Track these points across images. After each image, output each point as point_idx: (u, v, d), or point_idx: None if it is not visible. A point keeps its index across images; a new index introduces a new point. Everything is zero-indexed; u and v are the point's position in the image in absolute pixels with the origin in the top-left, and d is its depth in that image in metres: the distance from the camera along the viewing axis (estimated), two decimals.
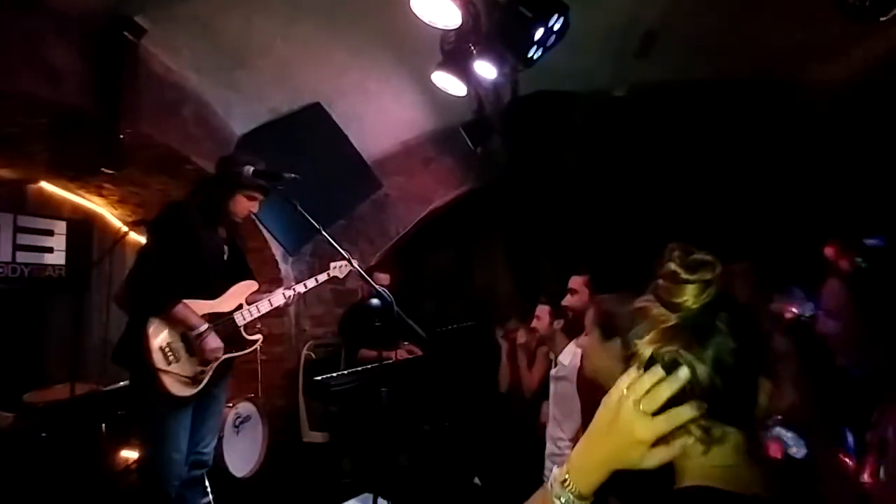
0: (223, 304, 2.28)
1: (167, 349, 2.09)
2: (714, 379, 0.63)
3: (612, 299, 1.49)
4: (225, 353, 2.20)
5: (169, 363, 2.07)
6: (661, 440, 0.61)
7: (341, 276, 2.56)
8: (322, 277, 2.53)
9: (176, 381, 2.09)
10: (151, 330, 2.06)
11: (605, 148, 3.83)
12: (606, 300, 1.52)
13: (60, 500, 2.56)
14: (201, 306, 2.18)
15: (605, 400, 0.66)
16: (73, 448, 2.70)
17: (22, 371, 3.03)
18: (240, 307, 2.31)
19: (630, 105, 3.51)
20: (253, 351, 2.41)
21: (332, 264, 2.57)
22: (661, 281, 0.67)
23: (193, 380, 2.13)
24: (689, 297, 0.64)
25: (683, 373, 0.62)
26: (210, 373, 2.18)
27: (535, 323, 2.64)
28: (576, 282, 2.29)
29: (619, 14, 2.83)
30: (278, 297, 2.37)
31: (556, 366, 2.41)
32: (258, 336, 2.38)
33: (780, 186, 3.54)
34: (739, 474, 0.65)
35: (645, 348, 0.65)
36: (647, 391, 0.62)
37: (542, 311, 2.62)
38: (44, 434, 2.63)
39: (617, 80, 3.48)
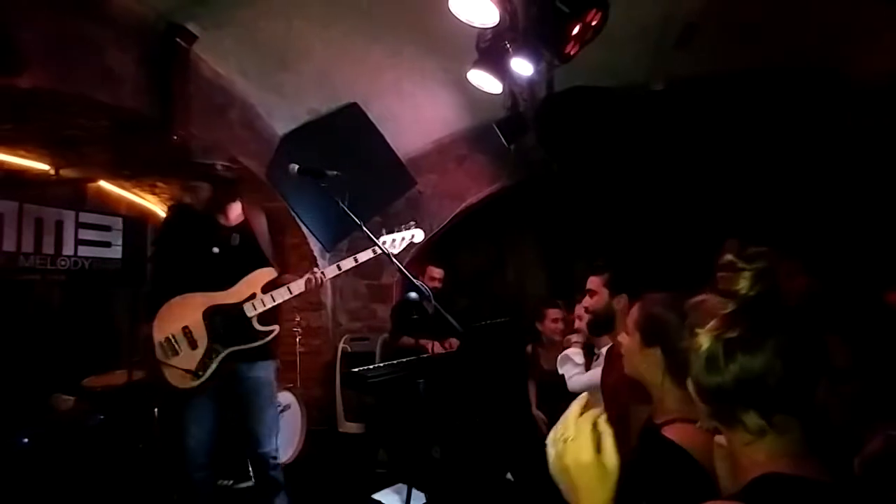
0: (231, 295, 2.19)
1: (166, 343, 2.12)
2: (774, 366, 0.64)
3: (662, 300, 1.29)
4: (230, 347, 2.17)
5: (168, 357, 2.11)
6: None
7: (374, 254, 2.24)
8: (346, 264, 2.27)
9: (176, 373, 2.11)
10: (154, 325, 2.13)
11: (641, 143, 3.76)
12: (655, 301, 1.32)
13: (116, 479, 2.72)
14: (202, 299, 2.17)
15: (563, 467, 0.74)
16: (129, 430, 2.86)
17: (82, 357, 3.24)
18: (252, 297, 2.19)
19: (668, 99, 3.44)
20: (272, 342, 2.26)
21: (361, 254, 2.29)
22: (720, 273, 0.70)
23: (194, 373, 2.12)
24: (745, 284, 0.67)
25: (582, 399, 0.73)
26: (213, 366, 2.14)
27: (577, 324, 2.66)
28: (594, 282, 2.15)
29: (656, 6, 2.78)
30: (298, 285, 2.19)
31: (596, 359, 2.42)
32: (274, 327, 2.23)
33: (825, 179, 3.39)
34: (806, 462, 0.65)
35: (704, 336, 0.67)
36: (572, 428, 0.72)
37: (581, 309, 2.63)
38: (102, 417, 2.80)
39: (655, 74, 3.42)
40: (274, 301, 2.19)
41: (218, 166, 2.21)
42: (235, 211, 2.30)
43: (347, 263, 2.23)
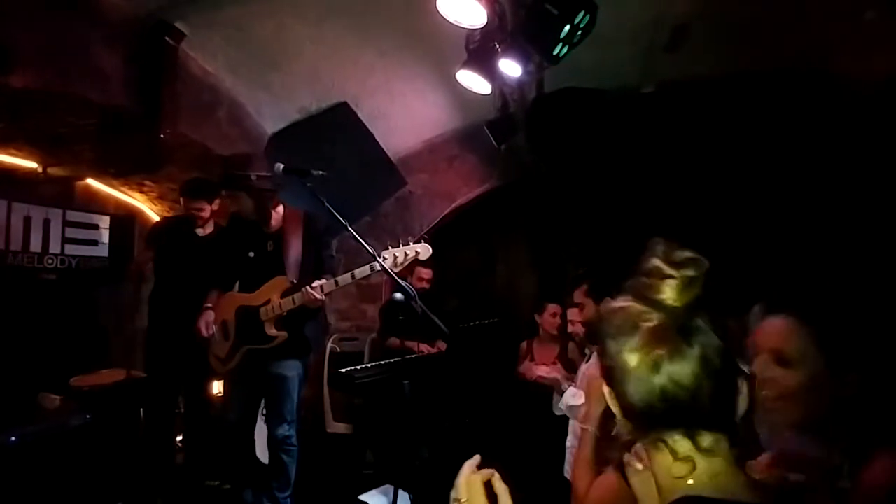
0: (257, 298, 2.37)
1: (213, 331, 2.45)
2: (702, 379, 0.59)
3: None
4: (248, 345, 2.38)
5: (212, 343, 2.47)
6: None
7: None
8: (343, 280, 2.26)
9: (213, 358, 2.49)
10: (209, 315, 2.47)
11: (632, 145, 3.77)
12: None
13: (102, 479, 2.70)
14: (236, 298, 2.45)
15: None
16: (116, 430, 2.85)
17: (69, 356, 3.22)
18: (267, 302, 2.33)
19: (658, 101, 3.46)
20: (304, 343, 2.48)
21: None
22: (643, 278, 0.63)
23: (223, 360, 2.44)
24: (671, 294, 0.61)
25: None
26: (236, 357, 2.39)
27: (570, 328, 2.66)
28: (579, 294, 2.15)
29: (648, 7, 2.79)
30: (301, 296, 2.24)
31: (587, 360, 2.43)
32: (281, 334, 2.33)
33: (819, 181, 3.40)
34: (728, 482, 0.60)
35: (630, 355, 0.61)
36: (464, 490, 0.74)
37: (573, 312, 2.63)
38: (88, 416, 2.79)
39: (646, 76, 3.43)
40: (281, 309, 2.31)
41: (253, 177, 2.33)
42: (277, 216, 2.46)
43: (344, 279, 2.26)
